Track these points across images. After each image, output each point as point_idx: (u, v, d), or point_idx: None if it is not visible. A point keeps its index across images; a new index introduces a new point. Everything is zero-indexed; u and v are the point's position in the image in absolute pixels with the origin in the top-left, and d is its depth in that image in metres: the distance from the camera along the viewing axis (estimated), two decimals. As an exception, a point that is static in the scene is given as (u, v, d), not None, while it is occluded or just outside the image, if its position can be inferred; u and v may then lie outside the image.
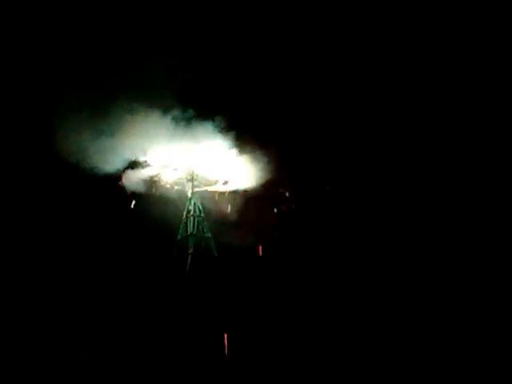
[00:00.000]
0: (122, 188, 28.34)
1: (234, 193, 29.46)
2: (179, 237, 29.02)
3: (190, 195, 29.27)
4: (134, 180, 28.52)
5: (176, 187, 29.40)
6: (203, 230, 29.22)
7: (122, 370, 23.05)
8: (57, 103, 26.81)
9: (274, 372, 23.34)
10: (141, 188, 28.63)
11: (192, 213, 29.16)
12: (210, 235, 29.28)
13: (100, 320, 25.20)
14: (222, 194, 29.55)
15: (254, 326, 25.52)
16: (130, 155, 28.11)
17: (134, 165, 28.55)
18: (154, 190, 28.94)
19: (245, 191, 29.21)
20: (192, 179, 29.30)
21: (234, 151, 29.12)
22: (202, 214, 29.37)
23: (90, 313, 25.36)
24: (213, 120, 28.56)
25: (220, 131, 28.75)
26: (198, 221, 29.25)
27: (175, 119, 28.22)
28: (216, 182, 29.56)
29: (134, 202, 28.79)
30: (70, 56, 28.09)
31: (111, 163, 27.52)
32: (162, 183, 29.20)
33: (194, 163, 29.27)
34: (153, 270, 27.79)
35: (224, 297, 27.09)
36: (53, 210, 27.31)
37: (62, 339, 23.84)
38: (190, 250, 28.79)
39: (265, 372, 23.35)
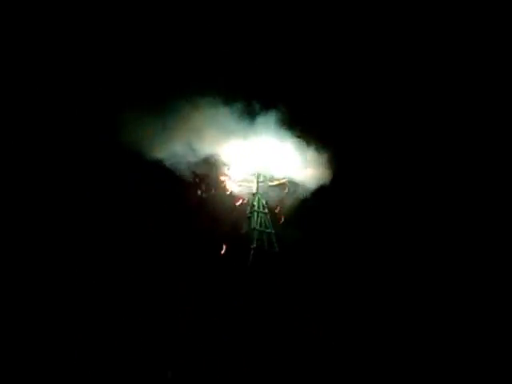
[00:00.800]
0: (188, 182, 28.95)
1: (298, 189, 29.50)
2: (243, 231, 29.69)
3: (254, 191, 29.64)
4: (199, 173, 29.04)
5: (241, 183, 29.75)
6: (266, 225, 29.72)
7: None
8: (123, 98, 27.75)
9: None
10: (206, 182, 29.23)
11: (256, 208, 29.60)
12: (272, 231, 29.74)
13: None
14: (285, 190, 29.66)
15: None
16: (193, 149, 28.46)
17: (199, 159, 28.88)
18: (219, 185, 29.44)
19: (308, 187, 29.19)
20: (257, 175, 29.59)
21: (299, 147, 28.90)
22: (266, 210, 29.76)
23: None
24: (277, 114, 28.40)
25: (285, 126, 28.52)
26: (261, 216, 29.69)
27: (239, 113, 28.41)
28: (281, 179, 29.64)
29: (199, 196, 29.35)
30: (135, 51, 28.60)
31: (175, 157, 28.22)
32: (228, 178, 29.60)
33: (259, 159, 29.39)
34: (216, 262, 28.97)
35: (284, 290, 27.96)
36: (118, 200, 28.44)
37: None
38: (253, 245, 29.50)
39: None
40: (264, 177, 29.62)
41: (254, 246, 29.31)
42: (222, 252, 28.29)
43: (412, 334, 24.55)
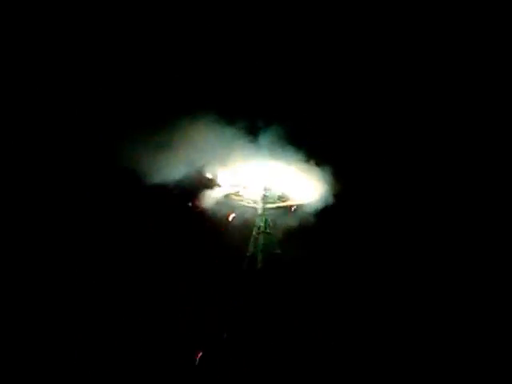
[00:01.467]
0: (190, 202, 29.17)
1: (305, 209, 29.55)
2: (249, 253, 29.59)
3: (260, 211, 29.78)
4: (201, 193, 29.29)
5: (246, 203, 29.95)
6: (272, 246, 29.58)
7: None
8: (120, 117, 28.10)
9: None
10: (209, 202, 29.43)
11: (262, 229, 29.60)
12: (279, 251, 29.55)
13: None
14: (292, 210, 29.73)
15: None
16: (193, 169, 28.66)
17: (201, 179, 29.18)
18: (223, 206, 29.62)
19: (313, 206, 29.23)
20: (263, 196, 29.77)
21: (305, 166, 29.23)
22: (272, 231, 29.73)
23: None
24: (281, 132, 28.78)
25: (288, 144, 28.92)
26: (267, 237, 29.62)
27: (242, 131, 28.62)
28: (287, 199, 29.82)
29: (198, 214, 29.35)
30: (133, 69, 29.13)
31: (175, 176, 28.22)
32: (232, 199, 29.84)
33: (265, 179, 29.73)
34: (222, 285, 28.80)
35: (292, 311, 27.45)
36: (118, 222, 28.62)
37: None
38: (259, 266, 29.27)
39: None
40: (268, 197, 29.89)
41: (260, 267, 29.21)
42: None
43: (411, 335, 23.87)
